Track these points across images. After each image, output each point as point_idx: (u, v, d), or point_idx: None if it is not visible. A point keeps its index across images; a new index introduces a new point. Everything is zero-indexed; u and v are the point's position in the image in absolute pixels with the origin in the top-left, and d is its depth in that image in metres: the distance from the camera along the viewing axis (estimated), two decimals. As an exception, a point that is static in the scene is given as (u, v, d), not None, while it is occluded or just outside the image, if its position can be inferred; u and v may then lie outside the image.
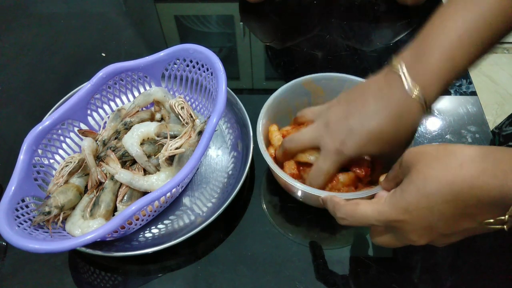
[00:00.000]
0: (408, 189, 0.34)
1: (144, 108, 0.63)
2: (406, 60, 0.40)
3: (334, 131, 0.44)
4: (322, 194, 0.44)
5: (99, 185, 0.54)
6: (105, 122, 0.61)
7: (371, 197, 0.42)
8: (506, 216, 0.30)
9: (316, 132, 0.46)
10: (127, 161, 0.55)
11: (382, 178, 0.42)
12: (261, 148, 0.49)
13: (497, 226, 0.31)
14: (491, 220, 0.31)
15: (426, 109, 0.40)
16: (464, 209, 0.31)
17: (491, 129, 0.63)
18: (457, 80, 0.40)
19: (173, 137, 0.56)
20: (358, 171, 0.47)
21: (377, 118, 0.41)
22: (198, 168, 0.60)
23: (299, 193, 0.50)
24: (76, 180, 0.54)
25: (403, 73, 0.40)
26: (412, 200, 0.33)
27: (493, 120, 1.70)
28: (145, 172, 0.55)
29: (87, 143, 0.55)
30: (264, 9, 0.85)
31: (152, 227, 0.54)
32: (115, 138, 0.58)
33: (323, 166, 0.45)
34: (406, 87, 0.39)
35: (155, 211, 0.52)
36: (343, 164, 0.45)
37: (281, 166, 0.51)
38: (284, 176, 0.47)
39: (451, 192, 0.31)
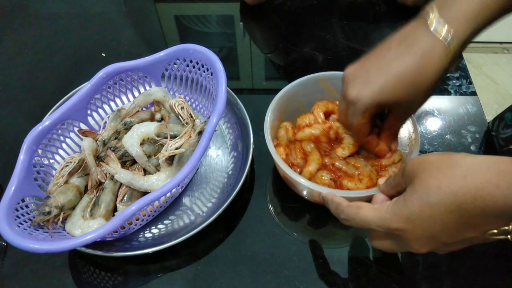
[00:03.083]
0: (411, 198, 0.34)
1: (144, 108, 0.63)
2: (438, 3, 0.39)
3: (351, 80, 0.42)
4: (324, 190, 0.44)
5: (99, 185, 0.54)
6: (105, 122, 0.61)
7: (369, 197, 0.42)
8: (510, 227, 0.30)
9: (341, 93, 0.45)
10: (127, 161, 0.55)
11: (381, 180, 0.42)
12: (267, 140, 0.49)
13: (501, 237, 0.31)
14: (495, 231, 0.31)
15: (453, 52, 0.38)
16: (468, 220, 0.31)
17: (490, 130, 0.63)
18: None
19: (173, 137, 0.56)
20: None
21: (396, 61, 0.39)
22: (198, 168, 0.60)
23: (303, 190, 0.50)
24: (76, 180, 0.54)
25: (432, 12, 0.38)
26: (415, 210, 0.33)
27: (493, 120, 1.70)
28: (145, 172, 0.55)
29: (87, 143, 0.55)
30: (264, 9, 0.85)
31: (152, 227, 0.54)
32: (115, 138, 0.58)
33: (351, 120, 0.44)
34: (432, 27, 0.38)
35: (155, 211, 0.52)
36: (364, 113, 0.42)
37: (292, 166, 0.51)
38: (288, 170, 0.46)
39: (455, 203, 0.31)
